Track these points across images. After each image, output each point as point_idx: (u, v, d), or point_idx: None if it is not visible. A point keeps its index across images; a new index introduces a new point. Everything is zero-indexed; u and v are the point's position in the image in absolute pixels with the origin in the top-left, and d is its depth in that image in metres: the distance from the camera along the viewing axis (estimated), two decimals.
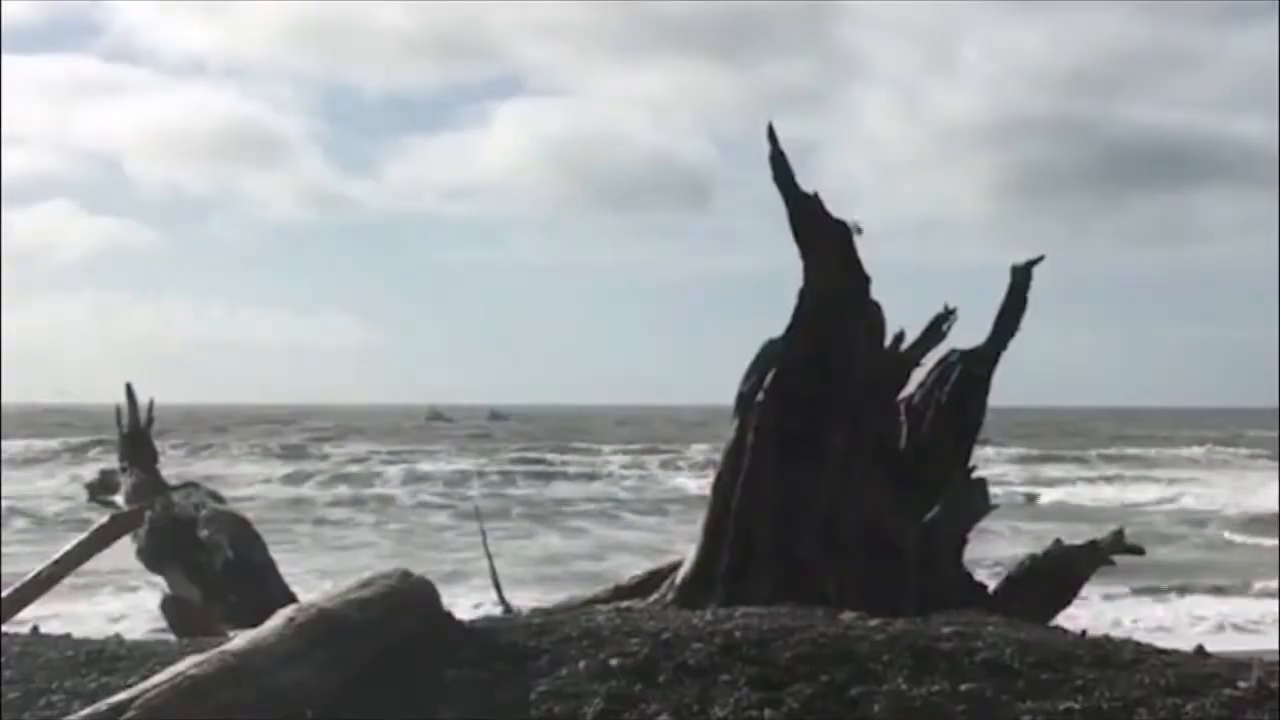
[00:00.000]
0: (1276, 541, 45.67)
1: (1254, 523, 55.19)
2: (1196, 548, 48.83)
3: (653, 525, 54.08)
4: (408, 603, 9.21)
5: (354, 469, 79.79)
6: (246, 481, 70.16)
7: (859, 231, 13.93)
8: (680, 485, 69.37)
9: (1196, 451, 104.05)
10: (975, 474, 14.77)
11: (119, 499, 16.96)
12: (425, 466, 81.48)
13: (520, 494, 66.71)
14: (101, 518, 15.62)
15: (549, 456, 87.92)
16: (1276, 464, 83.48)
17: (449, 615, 9.61)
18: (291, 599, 13.23)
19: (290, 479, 73.44)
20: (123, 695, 7.68)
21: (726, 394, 14.20)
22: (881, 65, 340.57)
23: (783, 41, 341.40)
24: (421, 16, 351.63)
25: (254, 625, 8.79)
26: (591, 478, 75.24)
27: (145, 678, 8.16)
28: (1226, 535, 52.76)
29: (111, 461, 18.08)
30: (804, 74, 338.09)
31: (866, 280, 13.89)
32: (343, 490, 67.72)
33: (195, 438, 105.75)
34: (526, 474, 76.63)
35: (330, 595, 9.09)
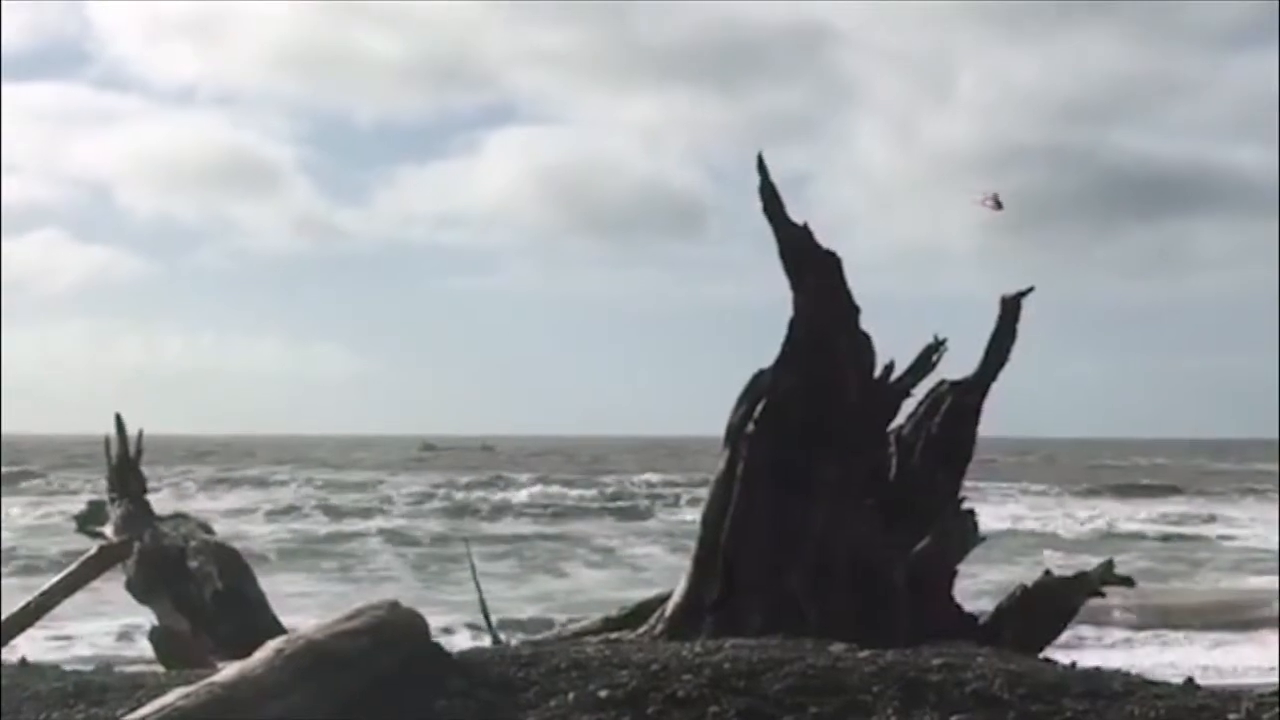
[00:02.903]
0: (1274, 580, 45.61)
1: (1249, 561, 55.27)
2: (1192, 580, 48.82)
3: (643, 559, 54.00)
4: (396, 634, 9.20)
5: (345, 500, 79.64)
6: (235, 512, 70.01)
7: (999, 206, 13.88)
8: (675, 518, 69.24)
9: (1191, 482, 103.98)
10: (965, 505, 14.76)
11: (108, 530, 16.92)
12: (419, 495, 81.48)
13: (498, 528, 66.62)
14: (90, 548, 15.59)
15: (543, 488, 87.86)
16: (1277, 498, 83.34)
17: (438, 647, 9.60)
18: (281, 630, 13.20)
19: (277, 510, 73.24)
20: None
21: (718, 424, 14.21)
22: (876, 93, 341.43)
23: (776, 69, 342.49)
24: (413, 45, 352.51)
25: (243, 657, 8.77)
26: (589, 511, 75.13)
27: (133, 709, 8.15)
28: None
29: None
30: (797, 102, 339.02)
31: (856, 311, 13.90)
32: (334, 522, 67.58)
33: (186, 468, 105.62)
34: (514, 506, 76.51)
35: (319, 627, 9.08)
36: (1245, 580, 47.42)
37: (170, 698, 7.93)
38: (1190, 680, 11.00)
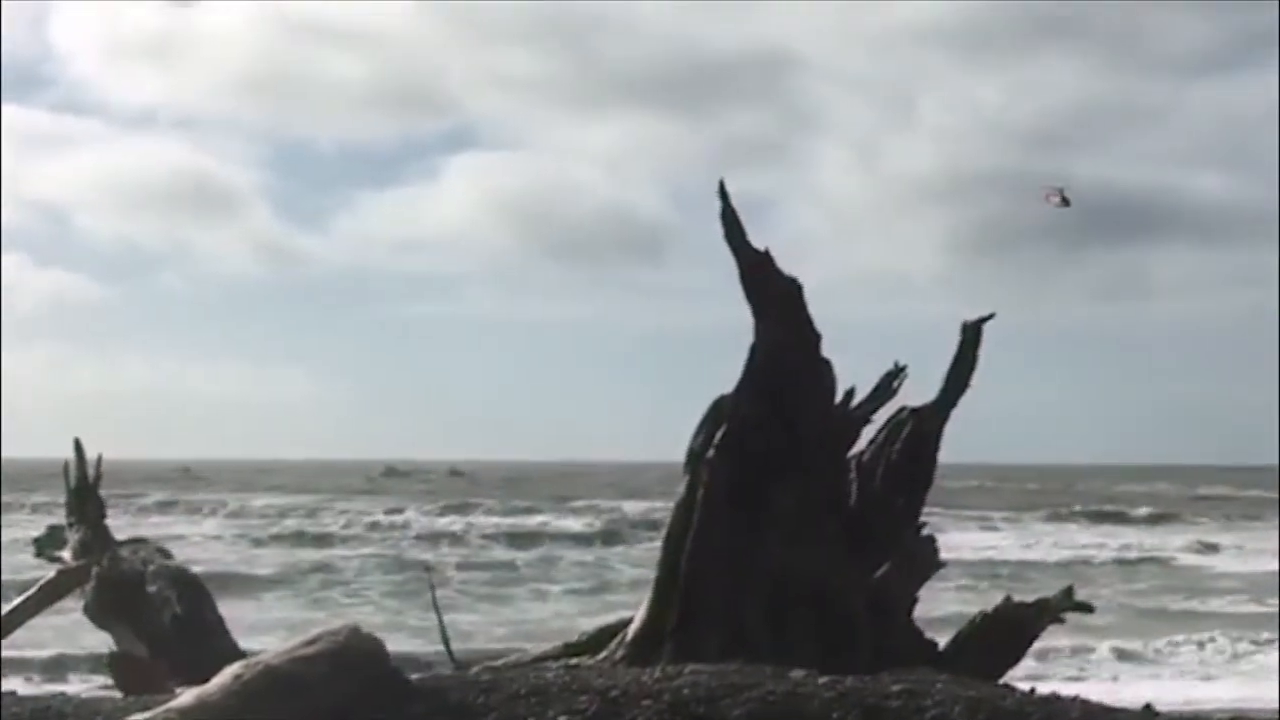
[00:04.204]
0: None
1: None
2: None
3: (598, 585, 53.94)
4: (354, 660, 9.17)
5: (308, 524, 79.43)
6: (195, 536, 69.80)
7: (1067, 203, 13.86)
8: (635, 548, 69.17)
9: (1154, 509, 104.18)
10: (925, 531, 14.77)
11: (66, 554, 16.85)
12: (381, 520, 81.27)
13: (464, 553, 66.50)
14: (49, 573, 15.53)
15: (513, 516, 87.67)
16: None
17: (397, 672, 9.57)
18: (240, 655, 13.15)
19: (239, 534, 73.05)
20: None
21: (679, 449, 14.21)
22: (838, 119, 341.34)
23: (739, 94, 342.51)
24: (373, 69, 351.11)
25: (201, 682, 8.75)
26: (557, 537, 74.99)
27: None
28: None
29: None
30: (760, 127, 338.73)
31: (817, 337, 13.92)
32: (298, 546, 67.40)
33: (146, 493, 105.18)
34: (486, 532, 76.33)
35: (277, 652, 9.06)
36: (1207, 604, 47.58)
37: None
38: (1148, 707, 11.02)
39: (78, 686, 25.67)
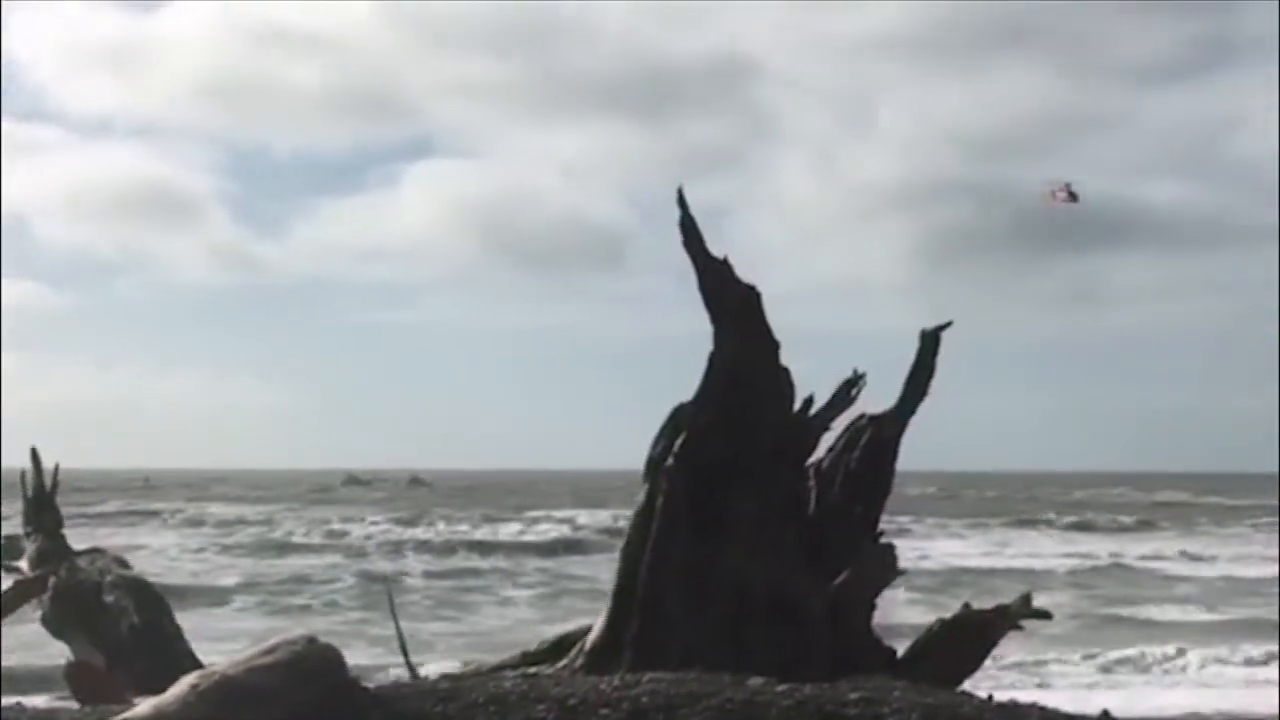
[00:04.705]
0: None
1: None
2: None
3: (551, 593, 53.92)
4: (312, 669, 9.15)
5: (270, 533, 79.27)
6: (156, 547, 69.57)
7: (1075, 198, 13.83)
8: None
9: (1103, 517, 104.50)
10: (884, 539, 14.78)
11: (23, 564, 16.79)
12: (342, 529, 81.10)
13: (427, 563, 66.39)
14: (6, 583, 15.47)
15: (469, 526, 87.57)
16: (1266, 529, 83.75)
17: (355, 681, 9.55)
18: (197, 665, 13.12)
19: (201, 545, 72.83)
20: None
21: (640, 458, 14.21)
22: (798, 127, 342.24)
23: (700, 102, 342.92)
24: (331, 76, 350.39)
25: (159, 692, 8.72)
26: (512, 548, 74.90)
27: None
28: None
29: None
30: (721, 135, 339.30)
31: (776, 345, 13.94)
32: (260, 555, 67.26)
33: (104, 502, 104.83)
34: (446, 541, 76.21)
35: (234, 662, 9.03)
36: (1165, 611, 47.73)
37: None
38: (1106, 713, 11.05)
39: (35, 698, 25.55)
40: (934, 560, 63.55)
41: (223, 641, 28.30)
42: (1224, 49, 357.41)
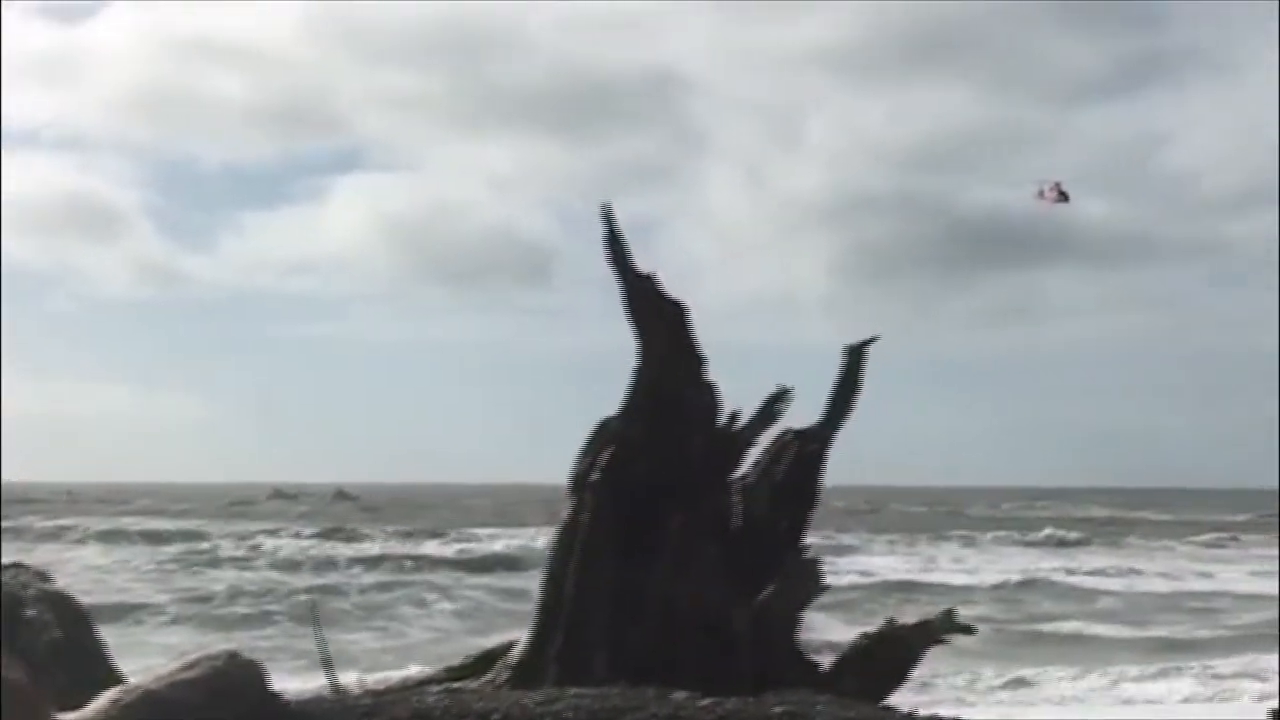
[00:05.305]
0: None
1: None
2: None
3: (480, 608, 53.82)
4: (234, 684, 9.12)
5: (190, 547, 78.83)
6: (80, 562, 69.07)
7: (1065, 197, 13.82)
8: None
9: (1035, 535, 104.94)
10: (809, 553, 14.81)
11: None
12: (267, 543, 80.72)
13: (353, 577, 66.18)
14: None
15: (398, 539, 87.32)
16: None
17: (276, 697, 9.52)
18: (120, 680, 13.03)
19: (125, 559, 72.35)
20: None
21: (566, 473, 14.21)
22: (726, 141, 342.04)
23: (627, 117, 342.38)
24: (258, 88, 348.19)
25: (80, 707, 8.67)
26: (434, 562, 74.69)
27: None
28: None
29: None
30: (651, 149, 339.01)
31: (702, 360, 13.97)
32: (182, 570, 66.89)
33: (27, 516, 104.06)
34: (372, 555, 75.95)
35: (156, 677, 9.00)
36: (1089, 627, 47.95)
37: None
38: None
39: None
40: (859, 575, 63.66)
41: (147, 657, 28.12)
42: (1153, 66, 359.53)
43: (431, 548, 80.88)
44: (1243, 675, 35.70)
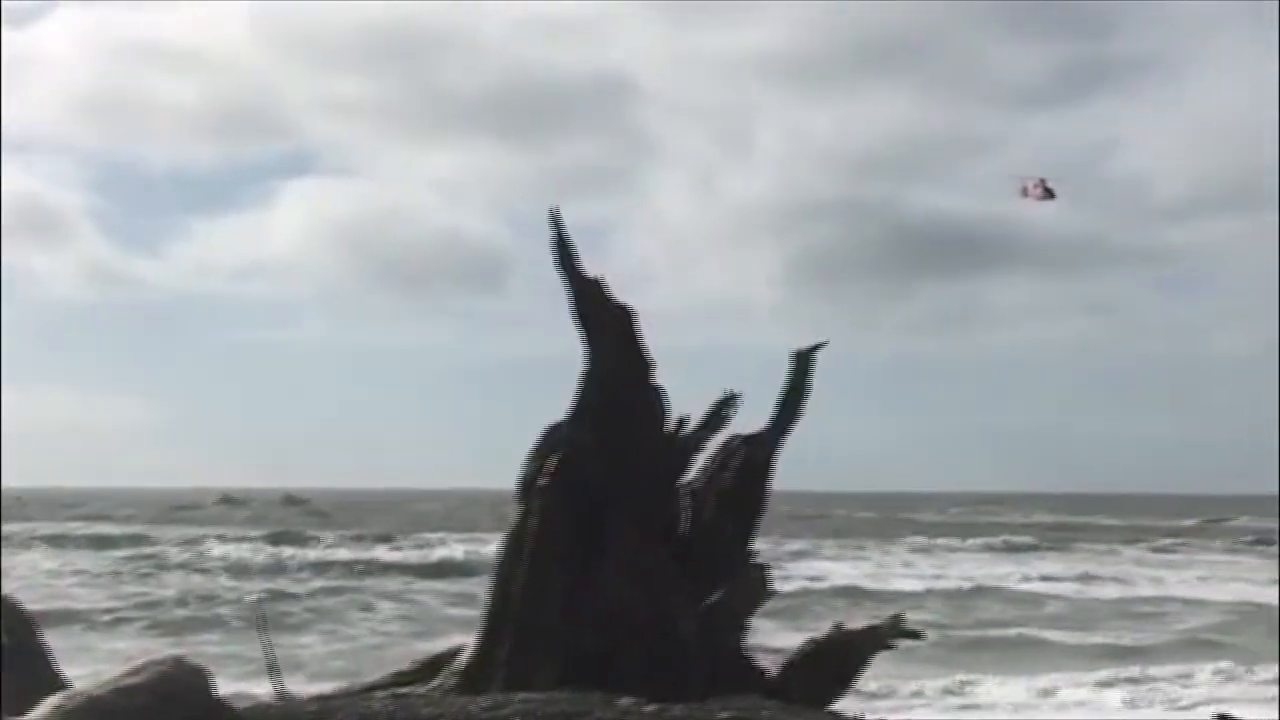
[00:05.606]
0: None
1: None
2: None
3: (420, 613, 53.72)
4: (179, 690, 9.08)
5: (142, 554, 78.49)
6: (27, 568, 68.74)
7: (1051, 194, 13.80)
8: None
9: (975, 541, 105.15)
10: (757, 559, 14.82)
11: None
12: (215, 548, 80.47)
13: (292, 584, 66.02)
14: None
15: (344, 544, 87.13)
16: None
17: (221, 702, 9.49)
18: (64, 685, 12.98)
19: (71, 565, 72.01)
20: None
21: (514, 478, 14.20)
22: (676, 147, 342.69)
23: (577, 123, 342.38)
24: (206, 93, 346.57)
25: (25, 712, 8.63)
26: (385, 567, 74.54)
27: None
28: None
29: None
30: (598, 156, 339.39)
31: (650, 364, 13.98)
32: (125, 579, 66.60)
33: None
34: (320, 561, 75.74)
35: (100, 682, 8.96)
36: (1034, 633, 48.09)
37: None
38: None
39: None
40: (807, 580, 63.76)
41: (94, 663, 28.03)
42: (1098, 73, 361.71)
43: (380, 552, 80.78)
44: (1180, 680, 35.95)
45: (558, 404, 14.14)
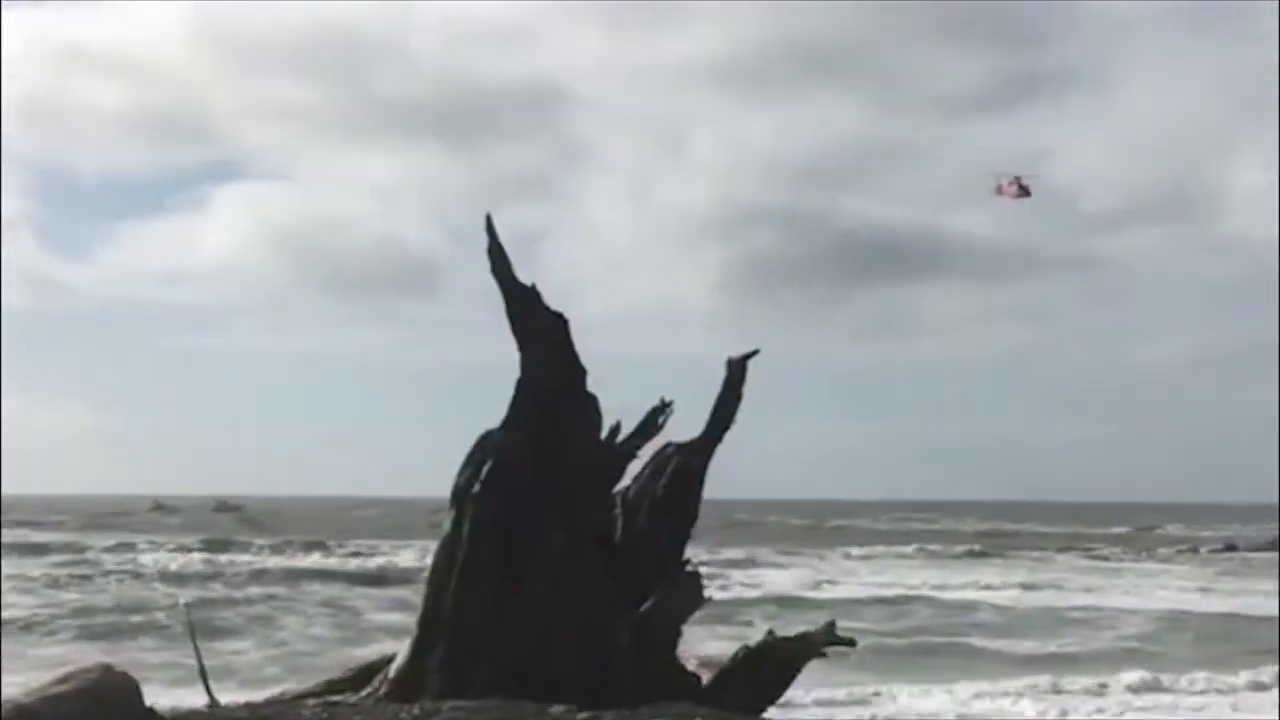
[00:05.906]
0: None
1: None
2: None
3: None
4: (107, 697, 9.03)
5: (72, 562, 78.05)
6: None
7: (1027, 192, 13.77)
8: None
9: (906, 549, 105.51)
10: (690, 567, 14.82)
11: None
12: (147, 555, 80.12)
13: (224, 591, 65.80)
14: None
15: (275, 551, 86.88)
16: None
17: (150, 710, 9.44)
18: None
19: (5, 572, 71.58)
20: None
21: (448, 485, 14.17)
22: (611, 154, 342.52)
23: (513, 129, 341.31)
24: (137, 97, 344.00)
25: None
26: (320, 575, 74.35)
27: None
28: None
29: None
30: (534, 162, 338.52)
31: (583, 372, 13.98)
32: (54, 587, 66.23)
33: None
34: (251, 569, 75.52)
35: (28, 690, 8.90)
36: (971, 642, 48.25)
37: None
38: None
39: None
40: (741, 587, 63.90)
41: (25, 671, 27.83)
42: (1033, 82, 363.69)
43: (314, 560, 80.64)
44: (1097, 690, 36.20)
45: (495, 411, 14.13)
